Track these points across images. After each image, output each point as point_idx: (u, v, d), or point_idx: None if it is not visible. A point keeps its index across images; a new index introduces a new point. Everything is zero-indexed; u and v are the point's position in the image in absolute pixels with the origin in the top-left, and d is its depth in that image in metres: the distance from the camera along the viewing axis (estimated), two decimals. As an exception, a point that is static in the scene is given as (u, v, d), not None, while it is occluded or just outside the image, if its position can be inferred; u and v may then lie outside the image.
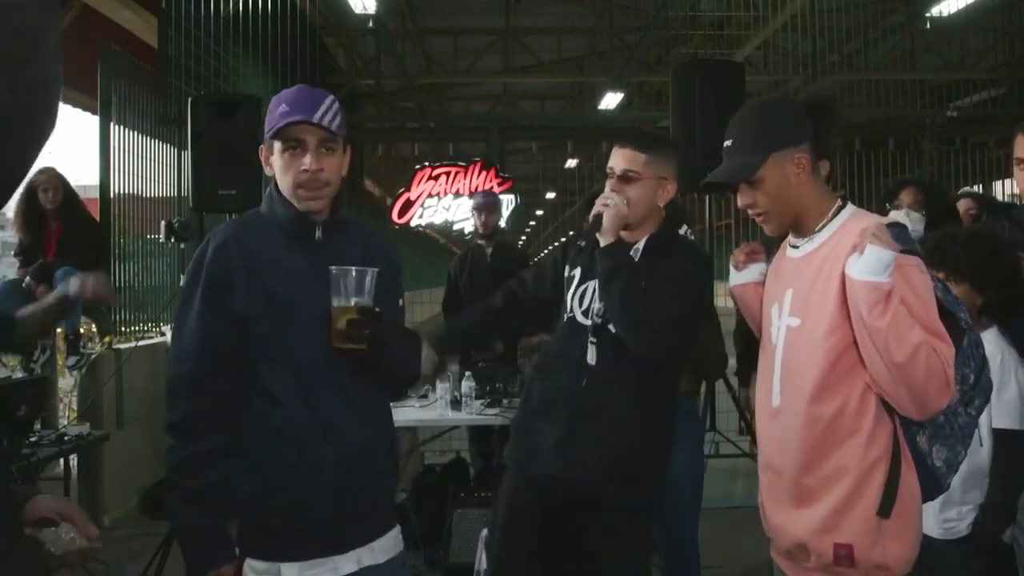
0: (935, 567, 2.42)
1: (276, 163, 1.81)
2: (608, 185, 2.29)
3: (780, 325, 1.82)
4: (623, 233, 2.28)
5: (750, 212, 1.84)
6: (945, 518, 2.37)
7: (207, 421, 1.74)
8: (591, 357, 2.24)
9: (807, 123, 1.82)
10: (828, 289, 1.71)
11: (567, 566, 2.26)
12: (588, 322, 2.27)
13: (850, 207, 1.82)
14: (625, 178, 2.26)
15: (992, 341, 2.37)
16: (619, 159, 2.28)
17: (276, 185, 1.84)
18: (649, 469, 2.28)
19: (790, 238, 1.88)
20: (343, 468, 1.76)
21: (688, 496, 3.05)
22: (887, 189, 3.59)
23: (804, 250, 1.81)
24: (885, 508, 1.68)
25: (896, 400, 1.66)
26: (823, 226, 1.80)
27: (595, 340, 2.24)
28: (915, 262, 1.69)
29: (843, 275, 1.67)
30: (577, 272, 2.36)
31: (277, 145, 1.79)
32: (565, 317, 2.35)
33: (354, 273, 1.72)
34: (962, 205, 3.50)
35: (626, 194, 2.24)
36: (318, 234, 1.83)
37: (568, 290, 2.37)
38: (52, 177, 4.93)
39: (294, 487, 1.74)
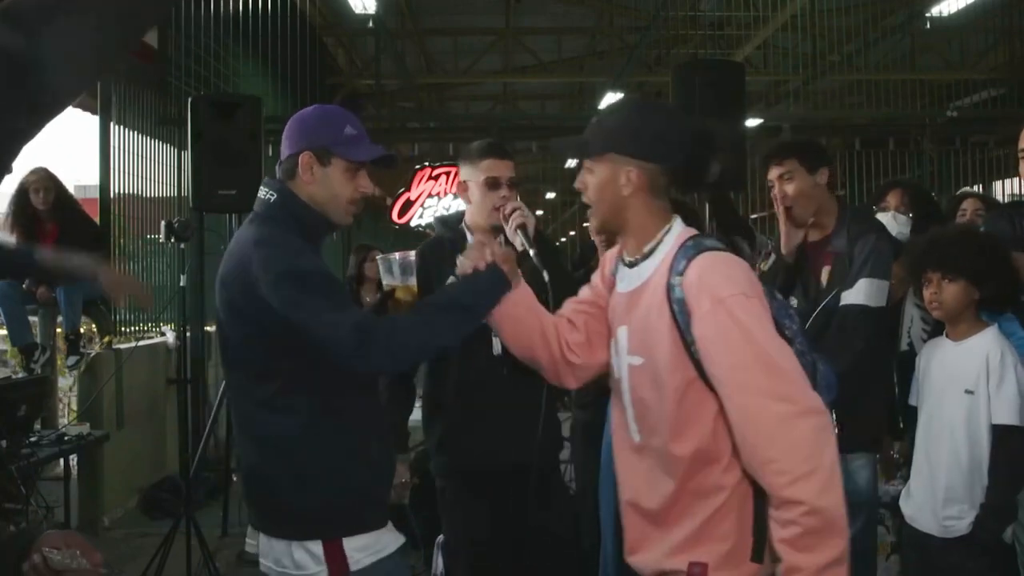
0: (936, 566, 2.43)
1: (332, 178, 1.86)
2: (511, 196, 2.45)
3: (620, 362, 1.74)
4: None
5: (583, 198, 1.78)
6: (946, 516, 2.37)
7: None
8: (497, 348, 2.40)
9: (677, 147, 1.68)
10: (660, 328, 1.63)
11: (528, 539, 2.46)
12: None
13: (676, 228, 1.70)
14: (514, 185, 2.50)
15: (992, 339, 2.39)
16: (506, 168, 2.50)
17: (288, 188, 1.86)
18: (556, 432, 2.66)
19: (624, 254, 1.77)
20: None
21: None
22: (876, 191, 3.59)
23: (631, 284, 1.72)
24: (758, 553, 1.63)
25: None
26: (651, 251, 1.69)
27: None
28: (739, 293, 1.56)
29: (671, 316, 1.60)
30: None
31: (340, 163, 1.85)
32: None
33: (410, 257, 2.04)
34: (969, 205, 3.50)
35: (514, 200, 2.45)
36: (334, 236, 1.97)
37: None
38: (43, 177, 4.88)
39: (390, 459, 1.96)
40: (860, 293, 2.63)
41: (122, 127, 5.83)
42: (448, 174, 6.91)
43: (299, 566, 1.78)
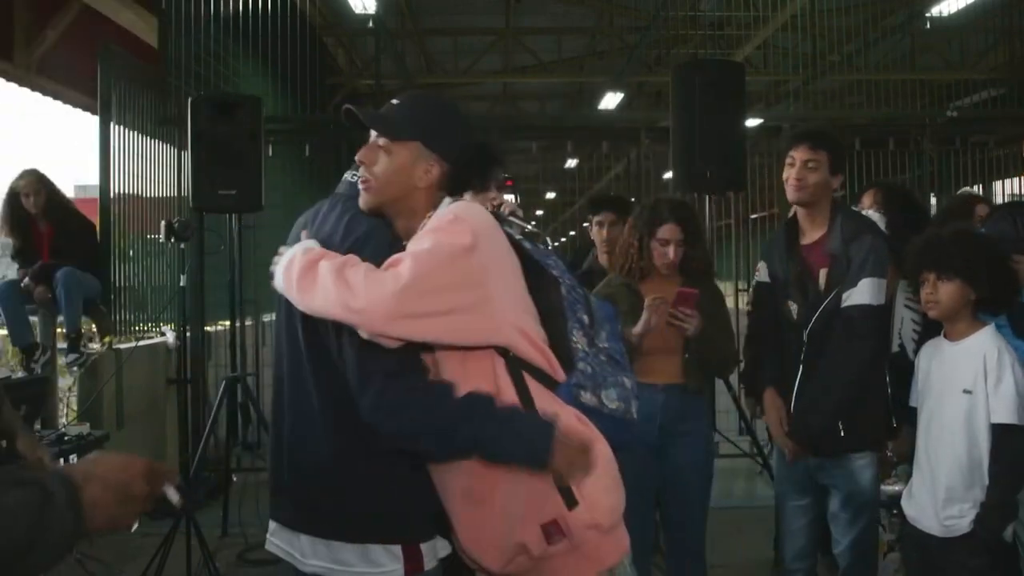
0: (937, 565, 2.43)
1: None
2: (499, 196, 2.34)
3: None
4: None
5: (359, 173, 1.75)
6: (947, 515, 2.38)
7: None
8: None
9: (466, 152, 1.77)
10: None
11: None
12: None
13: (442, 207, 1.73)
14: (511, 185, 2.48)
15: (989, 337, 2.40)
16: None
17: None
18: None
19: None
20: None
21: (697, 496, 3.02)
22: (854, 193, 3.63)
23: None
24: (569, 499, 1.63)
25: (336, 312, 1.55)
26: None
27: None
28: (450, 214, 1.64)
29: None
30: None
31: None
32: None
33: None
34: (980, 209, 3.51)
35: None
36: None
37: None
38: (32, 181, 4.89)
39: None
40: (865, 293, 2.63)
41: (122, 127, 5.82)
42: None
43: (374, 563, 1.74)
